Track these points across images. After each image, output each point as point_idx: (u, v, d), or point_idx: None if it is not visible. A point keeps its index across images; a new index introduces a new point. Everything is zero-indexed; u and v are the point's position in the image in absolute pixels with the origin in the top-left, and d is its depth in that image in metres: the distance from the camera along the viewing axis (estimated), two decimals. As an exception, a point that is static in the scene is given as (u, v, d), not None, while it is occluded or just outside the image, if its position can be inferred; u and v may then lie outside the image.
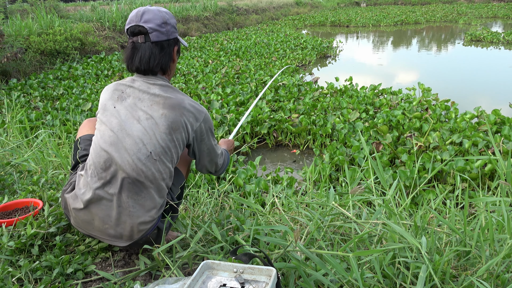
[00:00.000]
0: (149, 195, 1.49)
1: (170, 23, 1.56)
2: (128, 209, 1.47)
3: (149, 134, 1.47)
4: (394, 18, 21.31)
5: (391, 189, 1.75)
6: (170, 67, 1.62)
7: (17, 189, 2.24)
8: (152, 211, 1.51)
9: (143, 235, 1.54)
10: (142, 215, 1.49)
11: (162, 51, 1.55)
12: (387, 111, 5.04)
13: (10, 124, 4.22)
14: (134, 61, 1.54)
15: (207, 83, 6.99)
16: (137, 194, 1.48)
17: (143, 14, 1.51)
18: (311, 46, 11.51)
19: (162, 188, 1.54)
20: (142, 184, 1.47)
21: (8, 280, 1.40)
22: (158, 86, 1.54)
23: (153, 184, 1.49)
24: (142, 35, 1.51)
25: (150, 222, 1.53)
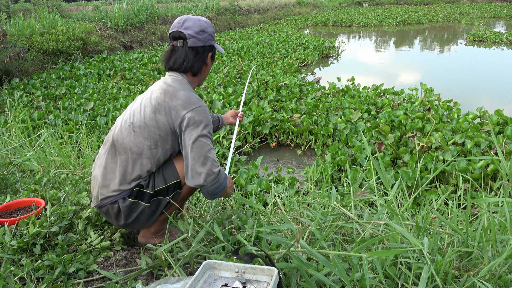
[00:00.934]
0: (120, 162, 1.65)
1: (207, 32, 1.73)
2: (105, 169, 1.67)
3: (139, 109, 1.68)
4: (396, 18, 21.27)
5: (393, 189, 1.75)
6: (202, 70, 1.79)
7: (20, 189, 2.25)
8: (116, 180, 1.64)
9: (103, 201, 1.66)
10: (109, 180, 1.66)
11: (197, 56, 1.73)
12: (389, 111, 5.03)
13: (12, 123, 4.23)
14: (169, 62, 1.74)
15: (209, 83, 6.99)
16: (112, 158, 1.67)
17: (185, 22, 1.70)
18: (313, 46, 11.50)
19: (134, 163, 1.64)
20: (117, 149, 1.67)
21: (11, 279, 1.40)
22: (174, 79, 1.73)
23: (125, 153, 1.65)
24: (181, 40, 1.70)
25: (114, 191, 1.64)
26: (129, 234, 1.92)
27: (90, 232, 1.75)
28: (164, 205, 1.73)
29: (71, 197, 2.04)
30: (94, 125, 4.81)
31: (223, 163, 4.07)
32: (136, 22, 11.71)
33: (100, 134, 4.50)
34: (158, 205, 1.71)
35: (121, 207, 1.64)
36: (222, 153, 4.21)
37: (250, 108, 5.42)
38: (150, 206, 1.69)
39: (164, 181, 1.68)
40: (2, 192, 2.21)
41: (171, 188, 1.69)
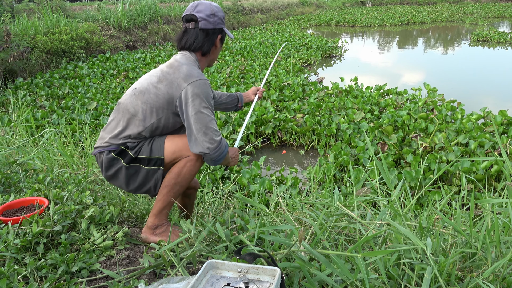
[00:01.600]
0: (117, 119, 1.82)
1: (217, 16, 1.87)
2: (107, 125, 1.86)
3: (146, 78, 1.84)
4: (400, 18, 21.21)
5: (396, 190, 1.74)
6: (211, 51, 1.92)
7: (23, 188, 2.26)
8: (110, 134, 1.80)
9: (95, 150, 1.83)
10: (106, 133, 1.83)
11: (207, 37, 1.86)
12: (393, 112, 5.02)
13: (16, 122, 4.25)
14: (181, 42, 1.88)
15: (212, 82, 6.99)
16: (114, 116, 1.85)
17: (197, 6, 1.85)
18: (316, 46, 11.49)
19: (128, 122, 1.79)
20: (119, 109, 1.83)
21: (14, 277, 1.41)
22: (183, 56, 1.86)
23: (123, 112, 1.81)
24: (193, 22, 1.84)
25: (105, 143, 1.80)
26: (132, 234, 1.92)
27: (93, 231, 1.76)
28: (143, 176, 1.78)
29: (74, 196, 2.05)
30: (97, 125, 4.82)
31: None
32: (139, 22, 11.73)
33: (103, 133, 4.51)
34: (136, 172, 1.79)
35: (103, 158, 1.78)
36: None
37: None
38: (128, 169, 1.77)
39: (149, 152, 1.77)
40: (6, 191, 2.22)
41: (152, 161, 1.77)
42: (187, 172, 1.78)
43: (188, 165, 1.77)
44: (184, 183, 1.80)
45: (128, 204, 2.39)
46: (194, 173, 1.81)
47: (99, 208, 1.99)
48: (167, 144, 1.77)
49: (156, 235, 1.82)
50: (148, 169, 1.77)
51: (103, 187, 2.71)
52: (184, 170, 1.77)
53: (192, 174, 1.80)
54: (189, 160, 1.77)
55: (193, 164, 1.77)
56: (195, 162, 1.78)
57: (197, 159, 1.78)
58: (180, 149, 1.77)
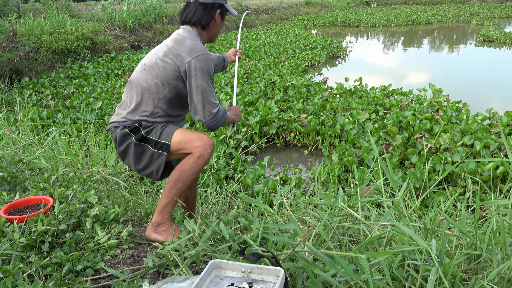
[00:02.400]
0: (131, 95, 1.94)
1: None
2: (122, 103, 1.99)
3: (153, 53, 1.96)
4: (405, 18, 21.12)
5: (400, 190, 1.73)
6: (210, 25, 2.02)
7: (29, 186, 2.27)
8: (126, 110, 1.93)
9: (111, 124, 1.95)
10: (122, 109, 1.95)
11: (205, 11, 1.97)
12: (397, 112, 5.00)
13: (22, 122, 4.28)
14: (182, 16, 2.00)
15: (216, 82, 7.00)
16: (127, 92, 1.98)
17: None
18: (320, 46, 11.47)
19: (143, 96, 1.90)
20: (132, 85, 1.96)
21: (19, 275, 1.42)
22: (185, 30, 1.98)
23: (136, 88, 1.93)
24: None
25: (122, 118, 1.91)
26: (136, 233, 1.93)
27: (97, 230, 1.76)
28: (148, 157, 1.88)
29: (79, 195, 2.06)
30: (102, 124, 4.84)
31: (230, 163, 4.08)
32: (144, 22, 11.77)
33: (108, 133, 4.53)
34: (143, 152, 1.89)
35: (118, 133, 1.90)
36: (229, 153, 4.21)
37: (257, 108, 5.42)
38: (136, 146, 1.88)
39: (159, 135, 1.87)
40: (12, 189, 2.24)
41: (159, 144, 1.86)
42: (189, 169, 1.83)
43: (190, 161, 1.83)
44: (186, 180, 1.85)
45: (133, 204, 2.40)
46: (196, 170, 1.85)
47: (104, 207, 2.00)
48: (176, 133, 1.86)
49: (158, 233, 1.84)
50: (153, 151, 1.87)
51: (108, 187, 2.73)
52: (186, 167, 1.83)
53: (194, 172, 1.85)
54: (191, 157, 1.83)
55: (195, 161, 1.83)
56: (197, 160, 1.83)
57: (198, 157, 1.83)
58: (186, 141, 1.84)
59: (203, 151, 1.82)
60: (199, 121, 1.91)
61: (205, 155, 1.84)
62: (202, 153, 1.83)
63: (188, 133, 1.87)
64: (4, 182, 2.28)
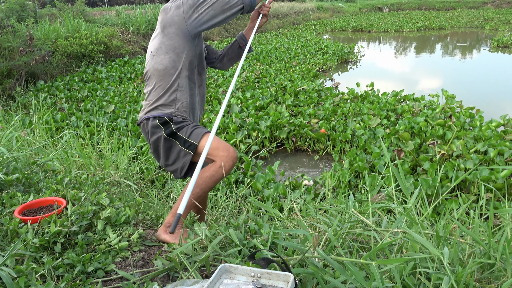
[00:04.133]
0: (151, 82, 1.97)
1: None
2: (147, 95, 2.00)
3: (153, 38, 1.98)
4: (417, 23, 20.98)
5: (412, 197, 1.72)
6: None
7: (42, 188, 2.31)
8: (152, 98, 1.95)
9: (141, 118, 1.99)
10: (148, 100, 1.97)
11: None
12: (409, 118, 4.96)
13: (37, 124, 4.35)
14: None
15: (227, 87, 7.03)
16: (148, 85, 1.99)
17: None
18: (332, 51, 11.45)
19: (163, 78, 1.92)
20: (149, 76, 1.98)
21: (32, 276, 1.44)
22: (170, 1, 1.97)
23: (153, 75, 1.95)
24: None
25: (148, 108, 1.95)
26: (146, 235, 1.94)
27: (109, 232, 1.78)
28: (176, 154, 1.91)
29: (91, 197, 2.09)
30: (115, 127, 4.90)
31: (240, 167, 4.08)
32: (157, 26, 11.90)
33: (120, 136, 4.59)
34: (171, 147, 1.91)
35: (149, 125, 1.93)
36: (240, 157, 4.22)
37: (268, 112, 5.42)
38: (165, 140, 1.91)
39: (189, 134, 1.89)
40: (26, 191, 2.28)
41: (187, 143, 1.88)
42: (209, 176, 1.85)
43: (211, 169, 1.85)
44: (205, 187, 1.87)
45: (144, 206, 2.41)
46: (215, 179, 1.86)
47: (115, 209, 2.02)
48: (206, 137, 1.89)
49: (168, 234, 1.86)
50: (181, 149, 1.90)
51: (119, 189, 2.75)
52: (207, 174, 1.85)
53: (213, 180, 1.86)
54: (213, 165, 1.85)
55: (216, 170, 1.84)
56: (218, 169, 1.85)
57: (219, 167, 1.84)
58: (213, 147, 1.86)
59: (225, 161, 1.84)
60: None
61: (227, 166, 1.85)
62: (225, 164, 1.85)
63: (217, 141, 1.89)
64: (18, 183, 2.32)
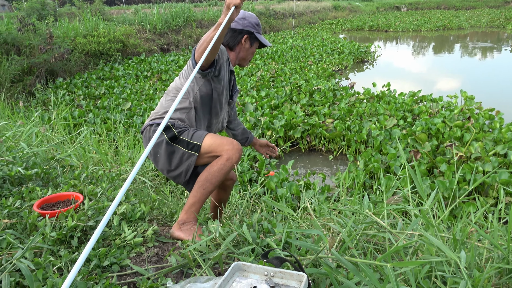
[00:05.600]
0: (166, 97, 2.11)
1: (247, 20, 2.11)
2: (158, 106, 2.12)
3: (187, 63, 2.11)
4: (436, 23, 20.61)
5: (429, 199, 1.69)
6: (237, 48, 2.15)
7: (60, 183, 2.35)
8: (161, 110, 2.06)
9: (147, 123, 2.06)
10: (157, 110, 2.09)
11: (233, 34, 2.11)
12: (427, 119, 4.88)
13: (55, 120, 4.44)
14: None
15: (242, 86, 7.04)
16: (164, 97, 2.14)
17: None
18: (348, 50, 11.35)
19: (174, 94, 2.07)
20: (168, 92, 2.15)
21: (50, 268, 1.47)
22: None
23: (172, 92, 2.12)
24: None
25: (154, 116, 2.07)
26: (161, 232, 1.96)
27: (124, 227, 1.81)
28: (178, 158, 1.94)
29: (108, 193, 2.12)
30: (131, 125, 4.96)
31: (254, 166, 4.09)
32: (173, 25, 12.00)
33: (136, 133, 4.64)
34: (174, 152, 1.95)
35: (151, 132, 2.00)
36: (253, 156, 4.22)
37: (282, 112, 5.41)
38: (167, 145, 1.95)
39: (191, 137, 1.93)
40: (44, 185, 2.33)
41: (190, 145, 1.92)
42: (217, 170, 1.88)
43: (219, 163, 1.88)
44: (214, 181, 1.90)
45: (158, 203, 2.44)
46: (223, 172, 1.90)
47: (131, 205, 2.04)
48: (208, 137, 1.93)
49: (181, 231, 1.87)
50: (184, 152, 1.93)
51: (135, 186, 2.79)
52: (214, 168, 1.88)
53: (222, 173, 1.89)
54: (220, 159, 1.88)
55: (224, 163, 1.88)
56: (226, 162, 1.88)
57: (227, 159, 1.88)
58: (217, 144, 1.90)
59: (232, 154, 1.88)
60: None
61: (234, 158, 1.89)
62: (231, 156, 1.88)
63: (219, 138, 1.94)
64: (37, 178, 2.38)
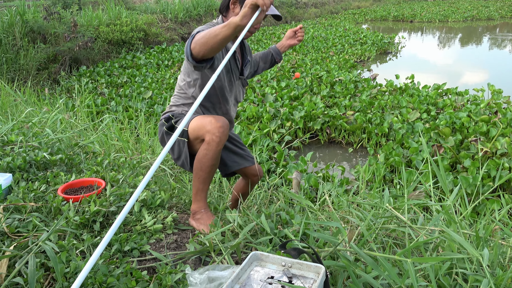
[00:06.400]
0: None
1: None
2: None
3: None
4: (464, 13, 19.92)
5: (451, 195, 1.65)
6: (228, 16, 2.00)
7: (83, 169, 2.41)
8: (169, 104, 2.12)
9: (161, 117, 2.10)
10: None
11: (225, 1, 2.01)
12: (451, 113, 4.75)
13: (79, 108, 4.54)
14: None
15: (262, 76, 7.01)
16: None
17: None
18: (371, 41, 11.12)
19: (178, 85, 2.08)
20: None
21: (73, 251, 1.51)
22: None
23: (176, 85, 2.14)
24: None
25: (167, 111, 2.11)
26: (180, 219, 1.99)
27: (144, 214, 1.84)
28: (177, 146, 1.93)
29: (129, 180, 2.16)
30: (152, 113, 5.03)
31: (273, 157, 4.08)
32: (195, 14, 12.02)
33: (156, 122, 4.70)
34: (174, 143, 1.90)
35: (159, 124, 2.06)
36: (272, 147, 4.22)
37: (302, 103, 5.37)
38: (167, 136, 1.98)
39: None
40: (68, 171, 2.39)
41: (182, 132, 1.86)
42: (203, 156, 1.80)
43: (202, 149, 1.80)
44: (205, 168, 1.81)
45: (178, 191, 2.47)
46: (210, 157, 1.79)
47: (151, 192, 2.08)
48: (194, 119, 1.85)
49: (195, 220, 1.88)
50: (179, 140, 1.92)
51: (155, 173, 2.83)
52: (200, 155, 1.81)
53: (209, 159, 1.79)
54: (204, 144, 1.80)
55: (206, 147, 1.78)
56: (207, 146, 1.78)
57: (208, 143, 1.77)
58: (199, 127, 1.80)
59: (211, 135, 1.75)
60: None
61: (214, 139, 1.74)
62: (210, 138, 1.75)
63: (200, 119, 1.81)
64: (62, 163, 2.44)
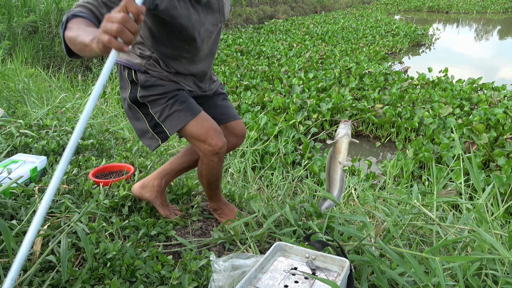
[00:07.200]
0: None
1: None
2: None
3: None
4: (504, 4, 18.94)
5: (484, 194, 1.59)
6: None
7: (113, 154, 2.48)
8: None
9: None
10: None
11: None
12: (486, 108, 4.56)
13: (110, 95, 4.65)
14: None
15: (290, 66, 6.95)
16: None
17: None
18: (403, 32, 10.78)
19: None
20: None
21: (102, 233, 1.57)
22: None
23: None
24: None
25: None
26: (205, 207, 2.02)
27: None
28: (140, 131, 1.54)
29: (156, 166, 2.21)
30: (179, 101, 5.08)
31: (298, 148, 4.06)
32: (224, 3, 12.01)
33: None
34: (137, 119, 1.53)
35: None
36: (298, 138, 4.19)
37: (330, 95, 5.29)
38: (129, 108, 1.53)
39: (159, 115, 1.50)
40: (99, 156, 2.46)
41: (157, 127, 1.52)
42: (206, 173, 1.63)
43: (203, 168, 1.62)
44: (212, 181, 1.68)
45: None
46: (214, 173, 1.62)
47: (178, 180, 2.11)
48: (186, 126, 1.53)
49: (218, 215, 1.87)
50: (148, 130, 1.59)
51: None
52: (203, 172, 1.64)
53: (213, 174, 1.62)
54: (202, 164, 1.60)
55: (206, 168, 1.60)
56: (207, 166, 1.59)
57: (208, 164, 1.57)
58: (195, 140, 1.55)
59: (210, 157, 1.53)
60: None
61: (213, 160, 1.53)
62: (210, 160, 1.54)
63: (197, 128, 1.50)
64: (93, 148, 2.52)
